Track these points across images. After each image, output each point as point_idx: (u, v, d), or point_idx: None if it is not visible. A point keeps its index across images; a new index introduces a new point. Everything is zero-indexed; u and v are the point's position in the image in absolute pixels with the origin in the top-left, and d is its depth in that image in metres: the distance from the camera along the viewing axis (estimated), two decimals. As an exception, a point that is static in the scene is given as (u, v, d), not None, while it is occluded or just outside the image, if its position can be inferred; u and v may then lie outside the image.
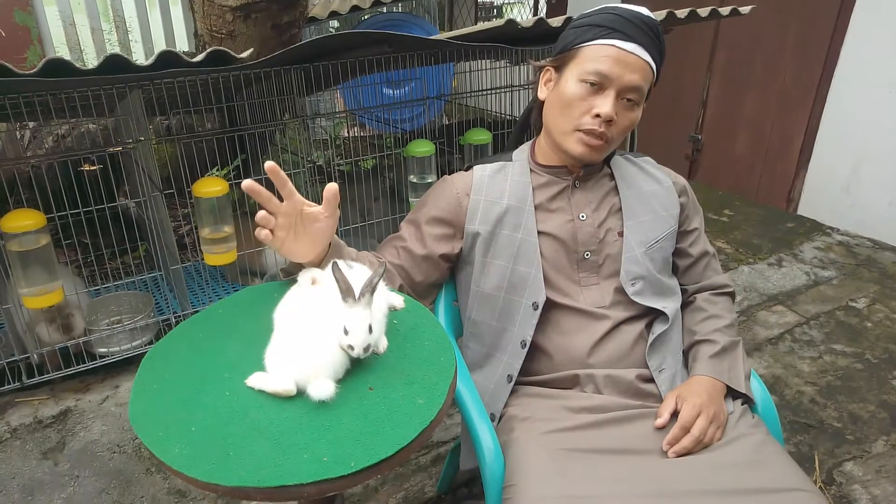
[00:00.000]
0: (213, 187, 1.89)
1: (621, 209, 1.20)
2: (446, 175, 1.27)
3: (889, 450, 1.80)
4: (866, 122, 3.16)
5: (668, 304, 1.17)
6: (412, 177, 2.27)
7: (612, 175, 1.23)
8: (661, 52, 1.12)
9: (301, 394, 0.83)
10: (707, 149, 4.04)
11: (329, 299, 0.87)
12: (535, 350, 1.17)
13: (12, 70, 1.36)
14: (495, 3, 5.86)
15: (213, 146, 2.72)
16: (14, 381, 1.94)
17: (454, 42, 1.92)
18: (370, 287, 0.84)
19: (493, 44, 2.03)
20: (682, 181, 1.27)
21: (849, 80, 3.22)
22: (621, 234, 1.18)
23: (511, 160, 1.24)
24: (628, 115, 1.11)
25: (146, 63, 1.50)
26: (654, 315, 1.18)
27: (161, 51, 1.50)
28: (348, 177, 2.71)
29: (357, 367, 0.87)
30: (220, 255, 1.97)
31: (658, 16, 2.10)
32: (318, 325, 0.85)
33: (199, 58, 1.52)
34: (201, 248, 2.00)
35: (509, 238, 1.17)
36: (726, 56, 3.80)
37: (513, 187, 1.20)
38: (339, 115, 3.35)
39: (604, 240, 1.18)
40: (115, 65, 1.46)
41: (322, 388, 0.81)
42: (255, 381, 0.85)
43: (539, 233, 1.17)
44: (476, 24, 5.05)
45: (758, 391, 1.18)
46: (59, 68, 1.40)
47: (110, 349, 2.08)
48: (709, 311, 1.22)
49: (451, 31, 2.36)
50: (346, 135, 4.07)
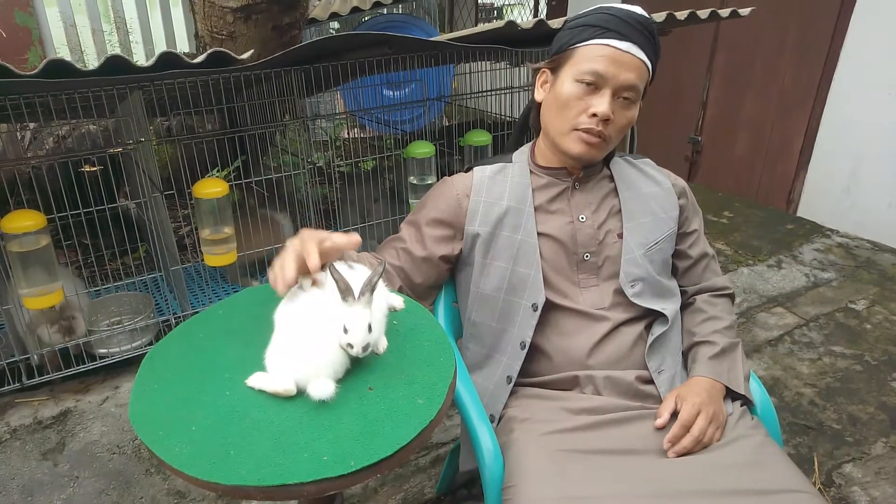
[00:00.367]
0: (213, 188, 1.89)
1: (621, 211, 1.20)
2: (446, 176, 1.27)
3: (888, 451, 1.80)
4: (866, 123, 3.17)
5: (668, 306, 1.17)
6: (412, 178, 2.28)
7: (611, 177, 1.23)
8: (656, 50, 1.12)
9: (301, 393, 0.83)
10: (707, 150, 4.05)
11: (329, 300, 0.87)
12: (534, 351, 1.17)
13: (13, 71, 1.37)
14: (495, 5, 5.87)
15: (214, 147, 2.73)
16: (14, 382, 1.94)
17: (454, 44, 1.92)
18: (370, 286, 0.84)
19: (493, 45, 2.03)
20: (681, 183, 1.27)
21: (849, 82, 3.22)
22: (621, 236, 1.18)
23: (511, 162, 1.25)
24: (625, 114, 1.12)
25: (147, 64, 1.51)
26: (653, 316, 1.18)
27: (162, 52, 1.50)
28: (348, 178, 2.71)
29: (357, 367, 0.88)
30: (220, 256, 1.97)
31: (658, 17, 2.10)
32: (319, 325, 0.86)
33: (199, 59, 1.53)
34: (201, 249, 2.00)
35: (509, 239, 1.17)
36: (726, 57, 3.80)
37: (512, 189, 1.20)
38: (339, 117, 3.36)
39: (603, 241, 1.18)
40: (116, 66, 1.46)
41: (322, 388, 0.82)
42: (256, 380, 0.86)
43: (539, 234, 1.17)
44: (476, 26, 5.06)
45: (757, 393, 1.18)
46: (60, 69, 1.41)
47: (110, 350, 2.08)
48: (708, 313, 1.22)
49: (451, 32, 2.36)
50: (346, 136, 4.07)
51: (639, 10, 1.11)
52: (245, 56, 1.60)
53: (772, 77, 3.57)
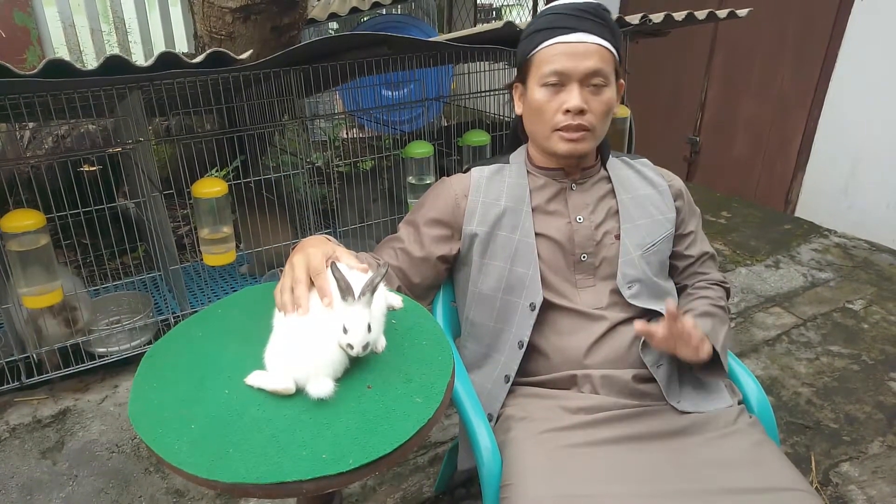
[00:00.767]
0: (212, 188, 1.90)
1: (618, 212, 1.20)
2: (444, 177, 1.28)
3: (885, 451, 1.81)
4: (864, 124, 3.18)
5: (663, 306, 1.18)
6: (411, 178, 2.28)
7: (608, 178, 1.23)
8: (611, 30, 1.12)
9: (300, 392, 0.84)
10: (705, 151, 4.05)
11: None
12: (532, 351, 1.18)
13: (13, 71, 1.37)
14: (494, 5, 5.87)
15: (213, 147, 2.73)
16: (13, 381, 1.94)
17: (453, 44, 1.92)
18: (371, 287, 0.85)
19: (491, 46, 2.04)
20: (678, 184, 1.28)
21: (846, 83, 3.23)
22: (618, 237, 1.19)
23: (508, 163, 1.25)
24: (600, 99, 1.12)
25: (146, 64, 1.51)
26: (650, 316, 1.18)
27: (161, 52, 1.50)
28: (347, 178, 2.71)
29: (356, 365, 0.88)
30: (219, 256, 1.98)
31: (656, 18, 2.11)
32: (318, 324, 0.86)
33: (198, 59, 1.53)
34: (200, 249, 2.00)
35: (507, 239, 1.18)
36: (724, 58, 3.81)
37: (510, 189, 1.21)
38: (338, 117, 3.36)
39: (600, 242, 1.19)
40: (115, 66, 1.47)
41: (321, 387, 0.82)
42: (255, 379, 0.86)
43: (536, 234, 1.18)
44: (475, 26, 5.06)
45: (754, 392, 1.19)
46: (59, 69, 1.41)
47: (109, 349, 2.08)
48: (700, 294, 1.24)
49: (450, 32, 2.36)
50: (344, 136, 4.08)
51: None
52: (244, 56, 1.60)
53: (770, 78, 3.58)
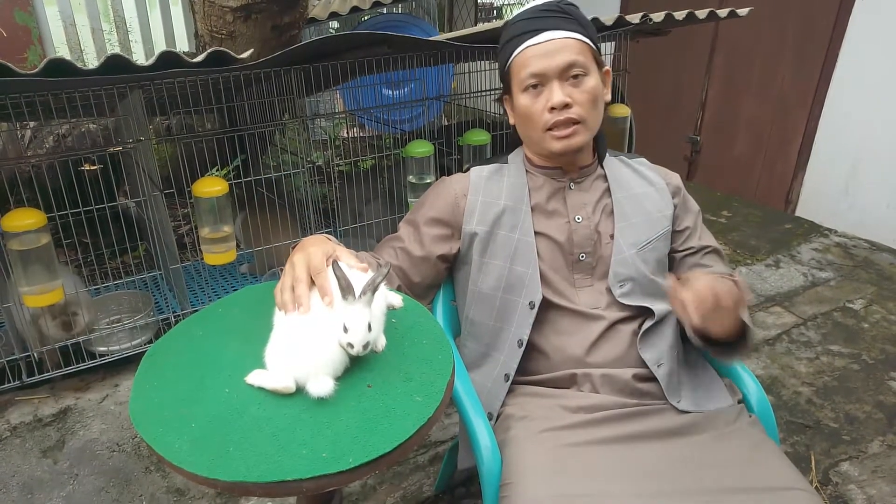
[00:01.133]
0: (212, 187, 1.90)
1: (613, 211, 1.21)
2: (444, 176, 1.28)
3: (885, 450, 1.81)
4: (865, 123, 3.17)
5: (658, 304, 1.18)
6: (411, 177, 2.28)
7: (605, 176, 1.24)
8: (578, 21, 1.13)
9: (300, 391, 0.84)
10: (706, 150, 4.05)
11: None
12: (532, 350, 1.18)
13: (14, 70, 1.37)
14: (495, 5, 5.87)
15: (213, 146, 2.73)
16: (14, 380, 1.94)
17: (453, 43, 1.92)
18: (372, 286, 0.85)
19: (492, 45, 2.04)
20: (675, 181, 1.27)
21: (847, 82, 3.23)
22: (612, 237, 1.19)
23: (507, 162, 1.26)
24: (582, 90, 1.12)
25: (147, 63, 1.51)
26: (648, 315, 1.18)
27: (162, 51, 1.50)
28: (347, 177, 2.72)
29: (356, 364, 0.88)
30: (219, 255, 1.98)
31: (656, 17, 2.11)
32: (318, 323, 0.86)
33: (199, 58, 1.53)
34: (201, 248, 2.00)
35: (506, 238, 1.18)
36: (725, 58, 3.81)
37: (509, 188, 1.21)
38: (338, 116, 3.36)
39: (598, 242, 1.19)
40: (116, 65, 1.47)
41: (321, 386, 0.82)
42: (255, 378, 0.86)
43: (536, 233, 1.18)
44: (476, 26, 5.05)
45: (755, 391, 1.19)
46: (60, 68, 1.41)
47: (110, 348, 2.08)
48: (708, 268, 1.21)
49: (450, 32, 2.36)
50: (345, 135, 4.08)
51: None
52: (245, 55, 1.60)
53: (771, 77, 3.58)
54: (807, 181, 3.51)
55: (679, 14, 2.13)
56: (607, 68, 1.19)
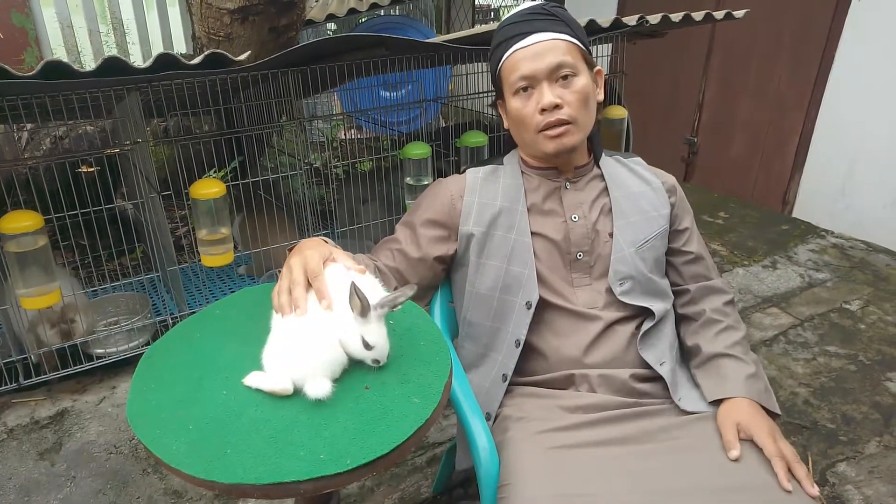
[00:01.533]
0: (210, 189, 1.90)
1: (612, 210, 1.21)
2: (440, 178, 1.29)
3: (882, 451, 1.81)
4: (861, 125, 3.19)
5: (657, 304, 1.18)
6: (408, 179, 2.28)
7: (602, 176, 1.24)
8: (565, 22, 1.14)
9: (298, 393, 0.84)
10: (703, 151, 4.06)
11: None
12: (530, 351, 1.18)
13: (11, 72, 1.37)
14: (492, 6, 5.88)
15: (211, 148, 2.73)
16: (11, 382, 1.94)
17: (451, 45, 1.93)
18: (392, 304, 0.87)
19: (489, 47, 2.04)
20: (671, 181, 1.28)
21: (843, 83, 3.24)
22: (611, 235, 1.19)
23: (502, 164, 1.26)
24: (572, 89, 1.12)
25: (144, 65, 1.51)
26: (646, 315, 1.19)
27: (159, 53, 1.50)
28: (345, 179, 2.72)
29: (353, 366, 0.88)
30: (217, 257, 1.98)
31: (653, 19, 2.11)
32: (315, 325, 0.86)
33: (196, 60, 1.53)
34: (198, 250, 2.00)
35: (503, 239, 1.18)
36: (722, 59, 3.82)
37: (505, 189, 1.21)
38: (336, 118, 3.36)
39: (595, 241, 1.19)
40: (113, 67, 1.47)
41: (319, 388, 0.82)
42: (253, 380, 0.86)
43: (533, 234, 1.18)
44: (473, 27, 5.06)
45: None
46: (57, 70, 1.41)
47: (107, 350, 2.08)
48: (724, 322, 1.21)
49: (448, 33, 2.37)
50: (342, 137, 4.08)
51: (527, 3, 1.14)
52: (242, 57, 1.60)
53: (767, 78, 3.59)
54: (803, 182, 3.52)
55: (675, 16, 2.14)
56: (599, 68, 1.19)
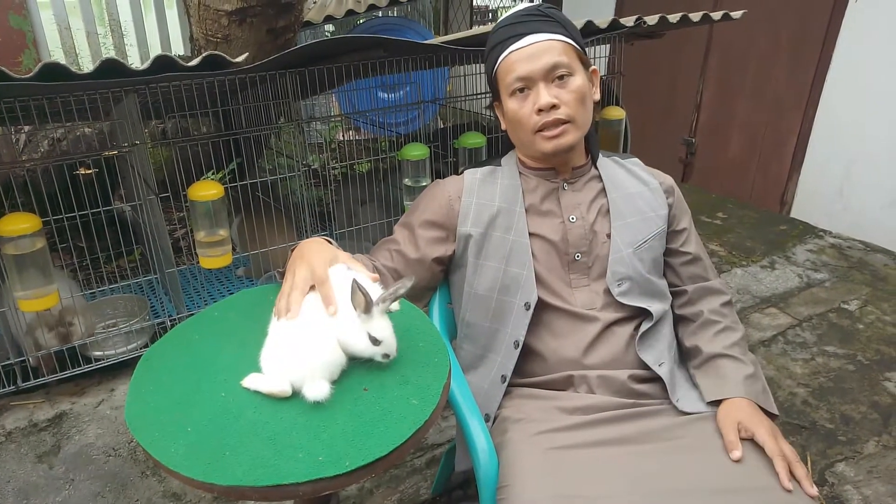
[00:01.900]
0: (208, 191, 1.89)
1: (609, 210, 1.21)
2: (438, 179, 1.29)
3: (880, 450, 1.81)
4: (858, 125, 3.19)
5: (655, 305, 1.18)
6: (407, 180, 2.28)
7: (599, 177, 1.24)
8: (559, 22, 1.14)
9: (296, 394, 0.84)
10: (701, 152, 4.06)
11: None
12: (529, 352, 1.18)
13: (8, 74, 1.37)
14: (490, 7, 5.88)
15: (209, 150, 2.72)
16: (9, 385, 1.94)
17: (449, 46, 1.93)
18: (393, 296, 0.87)
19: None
20: (668, 181, 1.28)
21: (841, 84, 3.24)
22: (609, 236, 1.20)
23: (500, 165, 1.27)
24: (570, 89, 1.12)
25: (142, 67, 1.51)
26: (644, 316, 1.19)
27: (157, 55, 1.50)
28: (343, 180, 2.71)
29: (352, 368, 0.88)
30: (215, 259, 1.97)
31: (651, 20, 2.12)
32: (314, 327, 0.86)
33: (194, 62, 1.53)
34: (196, 252, 2.00)
35: (501, 240, 1.18)
36: (719, 60, 3.82)
37: (503, 190, 1.21)
38: (334, 119, 3.36)
39: (594, 241, 1.19)
40: (111, 69, 1.46)
41: (317, 389, 0.82)
42: (251, 382, 0.86)
43: (531, 234, 1.18)
44: (471, 28, 5.06)
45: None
46: (55, 72, 1.41)
47: (106, 352, 2.08)
48: (722, 323, 1.21)
49: (446, 35, 2.37)
50: (341, 138, 4.08)
51: (523, 4, 1.15)
52: (240, 59, 1.60)
53: (765, 79, 3.59)
54: (801, 183, 3.53)
55: (673, 17, 2.14)
56: (594, 68, 1.19)
